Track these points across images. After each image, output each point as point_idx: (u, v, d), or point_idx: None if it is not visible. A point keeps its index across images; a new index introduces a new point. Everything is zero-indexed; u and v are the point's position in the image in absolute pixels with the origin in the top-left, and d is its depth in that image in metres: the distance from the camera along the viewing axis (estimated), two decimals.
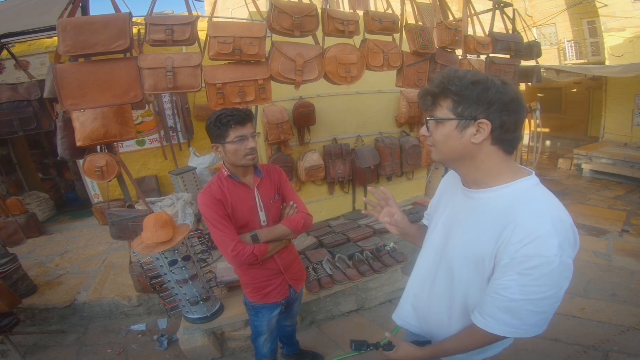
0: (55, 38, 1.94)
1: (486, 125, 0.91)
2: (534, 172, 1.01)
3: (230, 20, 2.91)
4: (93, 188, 5.22)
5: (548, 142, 10.61)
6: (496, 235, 0.93)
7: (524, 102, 0.96)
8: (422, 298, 1.24)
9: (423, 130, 1.04)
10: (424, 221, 1.41)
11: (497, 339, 1.01)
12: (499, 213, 0.95)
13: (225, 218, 1.65)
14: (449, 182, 1.25)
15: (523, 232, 0.88)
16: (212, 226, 1.63)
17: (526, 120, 4.49)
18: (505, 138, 0.95)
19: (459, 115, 0.93)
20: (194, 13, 2.23)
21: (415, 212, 3.89)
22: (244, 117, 1.61)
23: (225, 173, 1.71)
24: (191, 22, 2.09)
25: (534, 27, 10.37)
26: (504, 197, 0.97)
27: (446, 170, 4.70)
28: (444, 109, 0.96)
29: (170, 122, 5.29)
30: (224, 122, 1.58)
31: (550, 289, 0.88)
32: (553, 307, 0.92)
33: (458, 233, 1.07)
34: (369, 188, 1.29)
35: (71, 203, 6.12)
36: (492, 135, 0.93)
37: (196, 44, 2.23)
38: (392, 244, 3.27)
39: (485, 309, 0.97)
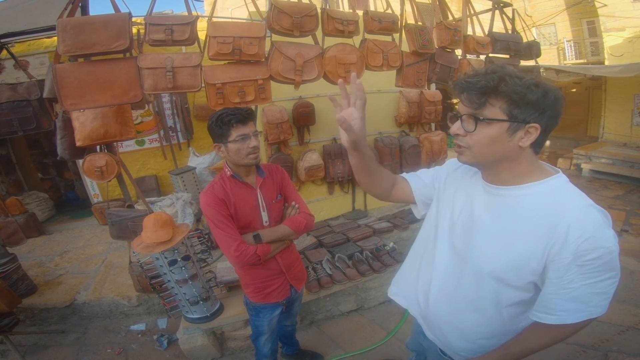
0: (55, 38, 1.95)
1: (535, 130, 0.89)
2: (561, 171, 0.99)
3: (230, 20, 2.91)
4: (93, 188, 5.22)
5: (548, 142, 10.60)
6: (545, 236, 0.91)
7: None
8: (438, 299, 1.17)
9: (457, 127, 0.97)
10: (408, 176, 1.31)
11: (572, 331, 0.98)
12: (540, 212, 0.93)
13: (227, 218, 1.64)
14: (461, 177, 1.17)
15: (579, 230, 0.87)
16: (214, 226, 1.63)
17: None
18: (542, 141, 0.94)
19: (512, 117, 0.88)
20: (194, 13, 2.23)
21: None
22: (246, 116, 1.61)
23: (228, 173, 1.70)
24: (191, 22, 2.10)
25: (533, 27, 10.38)
26: (539, 195, 0.95)
27: None
28: (495, 109, 0.89)
29: (170, 122, 5.28)
30: (226, 121, 1.58)
31: (609, 271, 0.89)
32: (612, 287, 0.92)
33: (489, 235, 1.02)
34: (339, 81, 1.10)
35: (71, 203, 6.12)
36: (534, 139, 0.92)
37: (196, 44, 2.23)
38: (391, 244, 3.27)
39: (553, 306, 0.94)
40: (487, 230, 1.02)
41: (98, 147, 2.23)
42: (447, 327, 1.18)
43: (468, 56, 3.38)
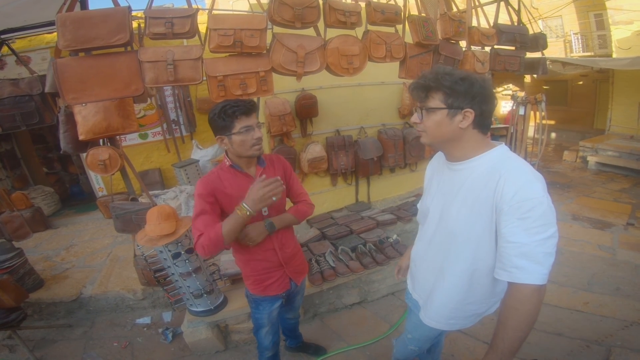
0: (56, 33, 1.94)
1: (470, 114, 1.13)
2: (503, 143, 1.23)
3: (231, 12, 2.89)
4: (97, 182, 5.25)
5: (554, 135, 10.52)
6: (492, 189, 1.11)
7: (495, 94, 1.19)
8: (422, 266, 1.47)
9: (415, 117, 1.25)
10: (419, 218, 1.55)
11: (537, 296, 1.06)
12: (487, 172, 1.15)
13: (208, 210, 1.60)
14: (434, 166, 1.46)
15: (512, 182, 1.07)
16: (194, 216, 1.61)
17: (532, 112, 4.44)
18: (483, 123, 1.18)
19: (449, 105, 1.14)
20: (194, 6, 2.21)
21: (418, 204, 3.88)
22: (249, 108, 1.60)
23: (227, 163, 1.70)
24: (191, 15, 2.08)
25: (539, 19, 10.23)
26: (487, 161, 1.18)
27: None
28: (436, 100, 1.16)
29: (172, 115, 5.29)
30: (230, 113, 1.56)
31: (549, 228, 1.04)
32: (555, 248, 1.06)
33: (457, 201, 1.22)
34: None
35: (76, 197, 6.16)
36: (474, 121, 1.15)
37: (197, 36, 2.21)
38: (395, 236, 3.27)
39: (504, 261, 1.10)
40: (459, 197, 1.22)
41: (101, 140, 2.23)
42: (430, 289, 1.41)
43: (473, 48, 3.33)
